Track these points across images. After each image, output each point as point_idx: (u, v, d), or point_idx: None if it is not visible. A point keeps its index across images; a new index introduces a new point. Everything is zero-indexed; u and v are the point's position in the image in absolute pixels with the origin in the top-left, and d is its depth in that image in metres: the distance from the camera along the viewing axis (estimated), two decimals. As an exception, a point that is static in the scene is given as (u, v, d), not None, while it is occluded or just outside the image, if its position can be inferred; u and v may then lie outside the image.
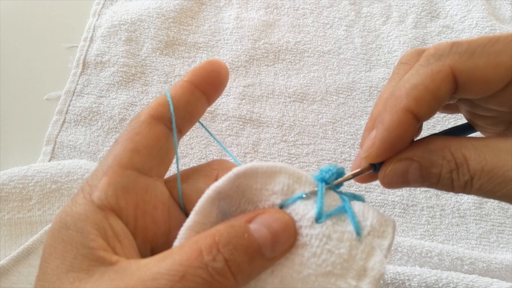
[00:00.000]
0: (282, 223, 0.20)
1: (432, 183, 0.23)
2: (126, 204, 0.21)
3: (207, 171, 0.24)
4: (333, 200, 0.21)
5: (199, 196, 0.22)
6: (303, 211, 0.21)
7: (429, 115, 0.23)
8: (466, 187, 0.21)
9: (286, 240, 0.20)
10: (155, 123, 0.23)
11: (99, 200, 0.20)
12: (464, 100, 0.26)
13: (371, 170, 0.24)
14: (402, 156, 0.23)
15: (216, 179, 0.23)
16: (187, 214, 0.23)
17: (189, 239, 0.20)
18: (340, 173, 0.23)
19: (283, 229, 0.20)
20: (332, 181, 0.22)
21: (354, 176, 0.24)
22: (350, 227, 0.21)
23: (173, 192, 0.24)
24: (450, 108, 0.29)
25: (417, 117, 0.22)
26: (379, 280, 0.20)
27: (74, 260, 0.19)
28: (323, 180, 0.22)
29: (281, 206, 0.21)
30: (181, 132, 0.25)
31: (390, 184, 0.24)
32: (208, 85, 0.25)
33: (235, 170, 0.21)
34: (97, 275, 0.19)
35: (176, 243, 0.21)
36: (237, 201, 0.22)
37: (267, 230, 0.20)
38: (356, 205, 0.22)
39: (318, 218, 0.21)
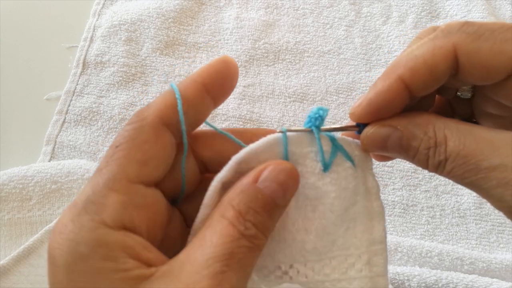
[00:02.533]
0: (287, 172, 0.21)
1: (409, 156, 0.23)
2: (139, 221, 0.20)
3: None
4: (325, 145, 0.23)
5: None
6: (311, 168, 0.23)
7: (423, 89, 0.22)
8: (439, 167, 0.22)
9: (293, 185, 0.22)
10: (162, 129, 0.21)
11: (113, 221, 0.19)
12: (477, 93, 0.25)
13: (356, 130, 0.25)
14: (387, 123, 0.23)
15: (196, 155, 0.23)
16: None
17: (210, 218, 0.20)
18: (326, 111, 0.24)
19: (289, 177, 0.21)
20: (321, 125, 0.24)
21: (336, 129, 0.24)
22: (348, 162, 0.23)
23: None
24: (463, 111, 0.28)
25: (409, 88, 0.22)
26: (379, 193, 0.24)
27: (112, 286, 0.18)
28: (315, 126, 0.23)
29: None
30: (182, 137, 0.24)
31: (369, 146, 0.24)
32: (219, 90, 0.23)
33: (235, 158, 0.22)
34: None
35: (191, 239, 0.21)
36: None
37: (276, 183, 0.21)
38: (340, 141, 0.24)
39: (325, 169, 0.23)
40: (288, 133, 0.23)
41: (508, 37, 0.21)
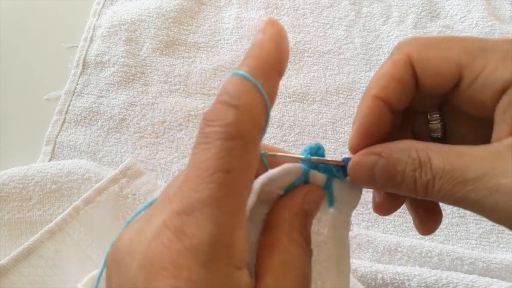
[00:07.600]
0: (319, 195, 0.24)
1: (397, 181, 0.23)
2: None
3: None
4: (317, 178, 0.24)
5: None
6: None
7: (399, 101, 0.24)
8: (428, 188, 0.22)
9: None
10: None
11: (241, 262, 0.19)
12: (448, 112, 0.26)
13: (342, 165, 0.25)
14: (372, 150, 0.24)
15: None
16: None
17: (276, 238, 0.22)
18: (319, 148, 0.25)
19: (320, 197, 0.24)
20: (313, 155, 0.25)
21: (324, 162, 0.25)
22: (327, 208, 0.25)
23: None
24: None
25: (388, 103, 0.24)
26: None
27: None
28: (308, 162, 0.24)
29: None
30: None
31: (356, 177, 0.24)
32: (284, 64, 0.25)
33: (260, 181, 0.22)
34: None
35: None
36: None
37: (314, 203, 0.23)
38: (338, 182, 0.25)
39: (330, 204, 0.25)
40: (290, 167, 0.24)
41: (451, 45, 0.23)
